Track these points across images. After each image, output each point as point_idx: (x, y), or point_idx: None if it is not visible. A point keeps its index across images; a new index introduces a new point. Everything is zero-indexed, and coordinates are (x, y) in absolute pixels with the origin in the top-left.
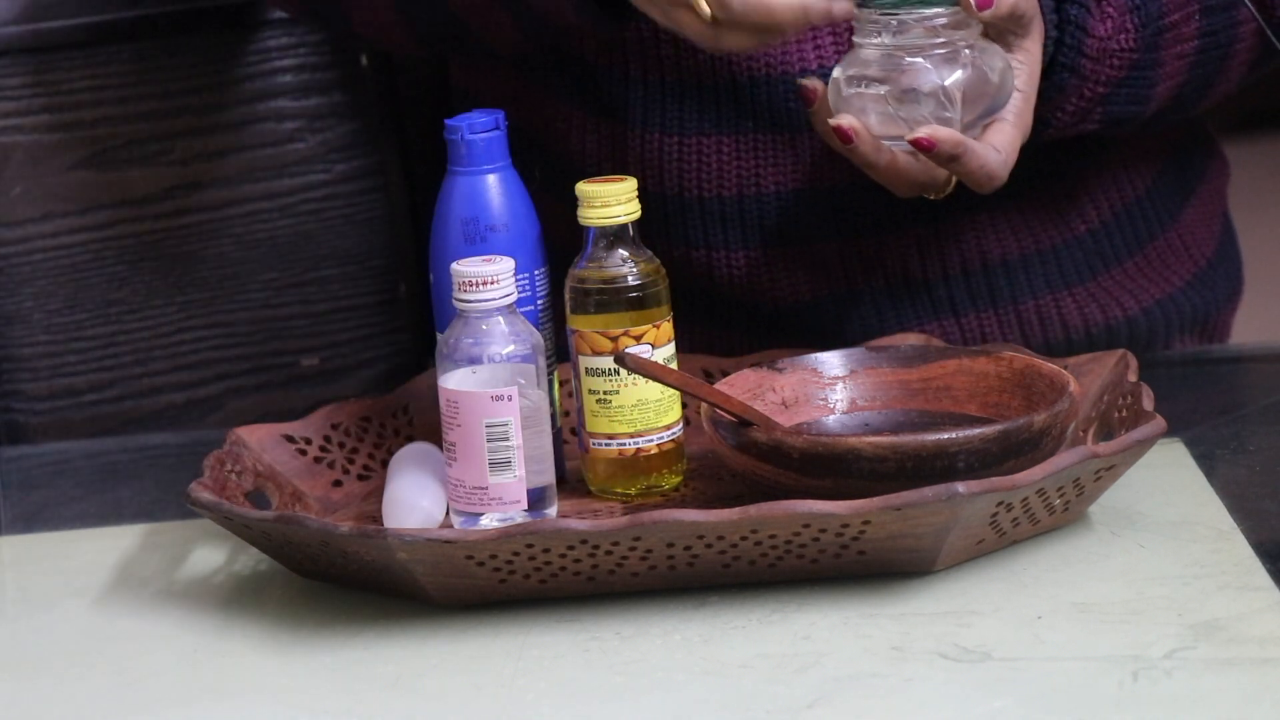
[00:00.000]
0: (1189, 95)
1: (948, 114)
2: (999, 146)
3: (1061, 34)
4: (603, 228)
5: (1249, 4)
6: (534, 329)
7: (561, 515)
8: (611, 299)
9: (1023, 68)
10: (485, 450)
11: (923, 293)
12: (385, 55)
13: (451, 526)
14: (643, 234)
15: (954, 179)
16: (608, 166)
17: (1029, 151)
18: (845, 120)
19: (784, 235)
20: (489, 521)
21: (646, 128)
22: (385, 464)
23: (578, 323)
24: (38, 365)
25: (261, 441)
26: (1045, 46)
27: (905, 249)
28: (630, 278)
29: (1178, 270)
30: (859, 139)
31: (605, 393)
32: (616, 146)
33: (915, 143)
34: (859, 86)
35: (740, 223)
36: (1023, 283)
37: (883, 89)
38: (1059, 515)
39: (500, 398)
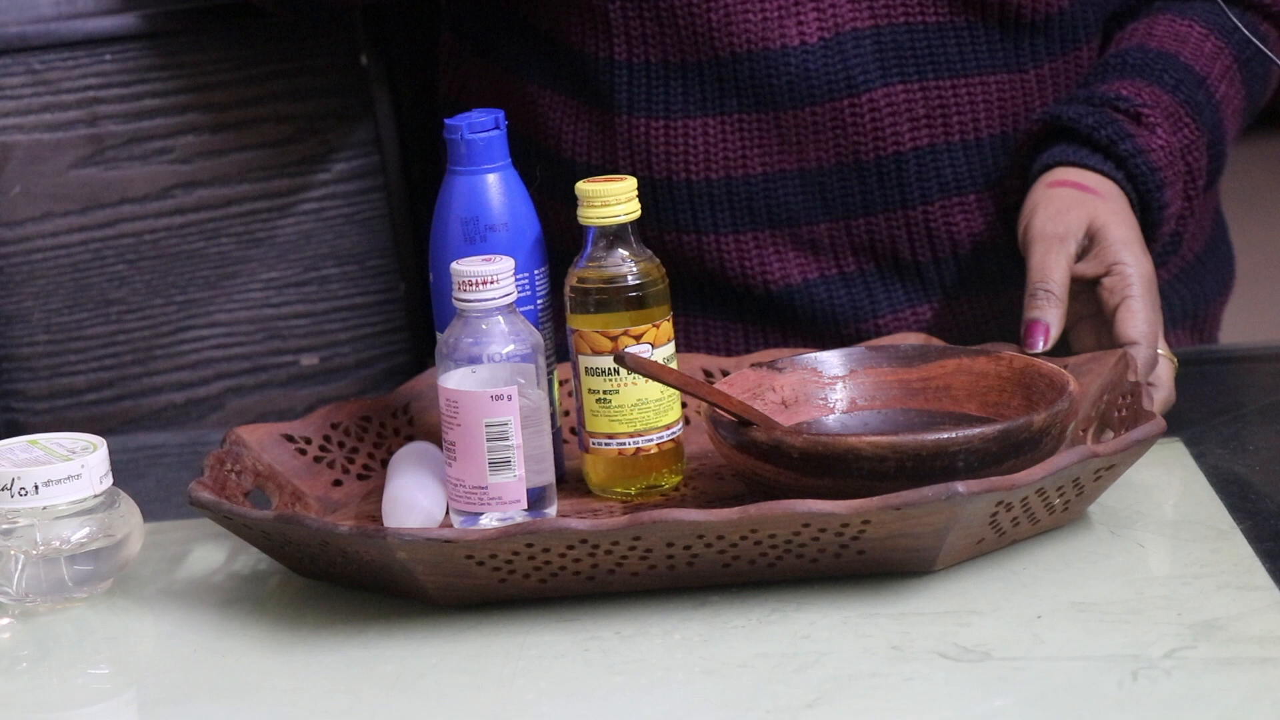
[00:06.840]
0: (1249, 114)
1: None
2: None
3: (1134, 182)
4: (603, 227)
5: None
6: (534, 329)
7: (561, 515)
8: (611, 299)
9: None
10: (485, 450)
11: (914, 275)
12: (385, 55)
13: (451, 526)
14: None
15: None
16: (596, 154)
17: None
18: None
19: (773, 217)
20: (489, 521)
21: (633, 112)
22: (385, 464)
23: (578, 322)
24: (38, 365)
25: (261, 441)
26: (1136, 209)
27: (895, 231)
28: (630, 277)
29: (1167, 264)
30: None
31: (605, 392)
32: (604, 133)
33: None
34: None
35: (729, 205)
36: (1013, 268)
37: None
38: (1059, 515)
39: (500, 397)
